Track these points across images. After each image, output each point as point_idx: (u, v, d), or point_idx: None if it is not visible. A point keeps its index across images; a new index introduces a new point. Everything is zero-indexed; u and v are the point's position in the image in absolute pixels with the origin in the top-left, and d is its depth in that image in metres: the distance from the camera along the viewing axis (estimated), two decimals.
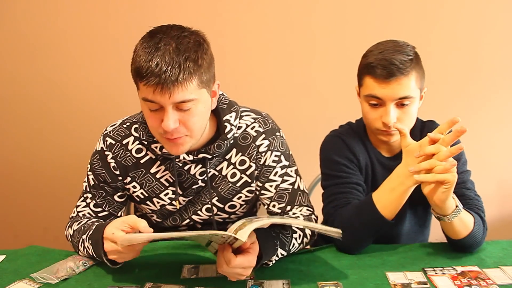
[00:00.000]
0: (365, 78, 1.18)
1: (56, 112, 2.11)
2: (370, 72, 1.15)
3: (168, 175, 1.18)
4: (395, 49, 1.14)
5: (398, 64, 1.11)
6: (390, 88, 1.13)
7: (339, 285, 1.02)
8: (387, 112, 1.15)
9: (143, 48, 0.97)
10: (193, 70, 0.96)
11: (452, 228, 1.09)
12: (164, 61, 0.94)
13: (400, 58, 1.12)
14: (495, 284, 1.01)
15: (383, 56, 1.13)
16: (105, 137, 1.18)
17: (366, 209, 1.12)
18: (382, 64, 1.12)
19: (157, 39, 0.97)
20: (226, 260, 0.93)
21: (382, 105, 1.16)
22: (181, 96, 0.96)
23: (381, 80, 1.13)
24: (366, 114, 1.21)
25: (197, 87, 0.98)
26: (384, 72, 1.12)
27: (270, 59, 2.04)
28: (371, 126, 1.21)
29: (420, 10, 1.99)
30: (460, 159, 1.24)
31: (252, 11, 1.99)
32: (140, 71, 0.95)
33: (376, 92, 1.14)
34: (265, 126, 1.20)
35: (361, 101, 1.22)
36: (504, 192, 2.21)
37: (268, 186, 1.19)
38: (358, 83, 1.23)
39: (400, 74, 1.12)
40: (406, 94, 1.13)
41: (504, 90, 2.08)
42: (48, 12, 2.00)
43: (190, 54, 0.96)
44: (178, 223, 1.25)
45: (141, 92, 0.99)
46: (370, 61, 1.15)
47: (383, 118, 1.16)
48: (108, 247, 0.96)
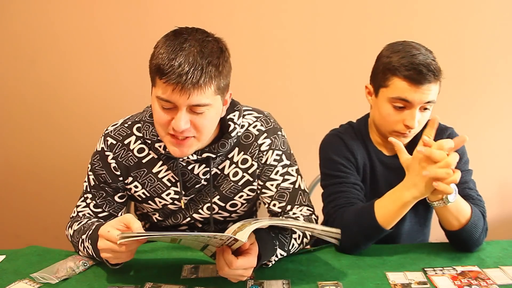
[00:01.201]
0: (393, 79, 1.15)
1: (56, 112, 2.11)
2: (402, 74, 1.13)
3: (171, 175, 1.18)
4: (425, 55, 1.14)
5: (434, 70, 1.12)
6: (421, 91, 1.12)
7: (339, 285, 1.02)
8: (413, 115, 1.15)
9: (167, 46, 0.97)
10: (213, 75, 0.97)
11: (447, 217, 1.09)
12: (187, 62, 0.94)
13: (434, 65, 1.13)
14: (495, 284, 1.01)
15: (418, 61, 1.12)
16: (106, 137, 1.18)
17: (365, 216, 1.12)
18: (419, 69, 1.11)
19: (182, 39, 0.97)
20: (228, 262, 0.92)
21: (408, 108, 1.15)
22: (198, 99, 0.97)
23: (414, 84, 1.12)
24: (386, 116, 1.18)
25: (213, 93, 0.99)
26: (419, 76, 1.11)
27: (272, 59, 2.04)
28: (388, 128, 1.20)
29: (420, 10, 1.99)
30: (461, 159, 1.24)
31: (254, 11, 1.99)
32: (162, 68, 0.95)
33: (407, 95, 1.13)
34: (267, 125, 1.20)
35: (382, 101, 1.19)
36: (504, 192, 2.21)
37: (269, 185, 1.19)
38: (379, 83, 1.20)
39: (434, 80, 1.12)
40: (432, 98, 1.15)
41: (505, 90, 2.08)
42: (49, 11, 2.00)
43: (213, 59, 0.97)
44: (179, 221, 1.25)
45: (158, 89, 0.98)
46: (403, 63, 1.13)
47: (407, 121, 1.15)
48: (102, 245, 0.95)
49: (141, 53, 1.32)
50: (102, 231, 0.95)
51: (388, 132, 1.22)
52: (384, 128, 1.22)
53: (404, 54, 1.15)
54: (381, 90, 1.20)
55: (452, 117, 1.66)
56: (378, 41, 1.26)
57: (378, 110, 1.21)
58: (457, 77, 2.05)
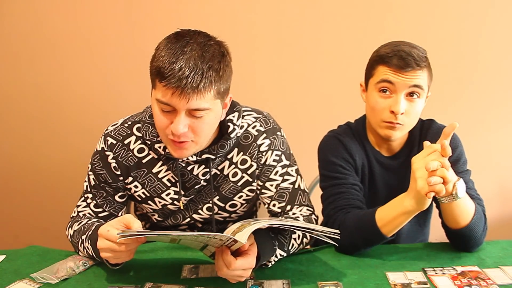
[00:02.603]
0: (378, 68, 1.18)
1: (56, 112, 2.11)
2: (385, 61, 1.16)
3: (171, 175, 1.18)
4: (411, 46, 1.17)
5: (415, 56, 1.14)
6: (403, 75, 1.14)
7: (339, 285, 1.02)
8: (398, 101, 1.15)
9: (168, 49, 0.96)
10: (214, 80, 0.97)
11: (453, 214, 1.09)
12: (188, 66, 0.94)
13: (417, 53, 1.15)
14: (495, 284, 1.01)
15: (400, 48, 1.15)
16: (106, 136, 1.18)
17: (366, 223, 1.12)
18: (399, 55, 1.14)
19: (183, 42, 0.97)
20: (227, 263, 0.92)
21: (393, 93, 1.17)
22: (197, 104, 0.97)
23: (397, 69, 1.14)
24: (374, 104, 1.20)
25: (213, 97, 0.99)
26: (401, 62, 1.13)
27: (271, 59, 2.04)
28: (377, 118, 1.20)
29: (419, 10, 1.99)
30: (460, 159, 1.24)
31: (253, 12, 1.99)
32: (162, 71, 0.95)
33: (390, 78, 1.15)
34: (266, 126, 1.20)
35: (370, 92, 1.22)
36: (504, 192, 2.21)
37: (268, 185, 1.19)
38: (368, 76, 1.23)
39: (416, 66, 1.14)
40: (418, 83, 1.15)
41: (505, 90, 2.08)
42: (49, 11, 2.00)
43: (213, 63, 0.97)
44: (179, 222, 1.25)
45: (157, 92, 0.98)
46: (386, 52, 1.16)
47: (393, 107, 1.16)
48: (102, 244, 0.94)
49: (141, 54, 1.32)
50: (101, 231, 0.95)
51: (377, 123, 1.21)
52: (374, 119, 1.22)
53: (390, 45, 1.18)
54: (369, 82, 1.23)
55: (452, 117, 1.66)
56: (377, 42, 1.26)
57: (368, 102, 1.23)
58: (457, 77, 2.06)
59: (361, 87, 1.29)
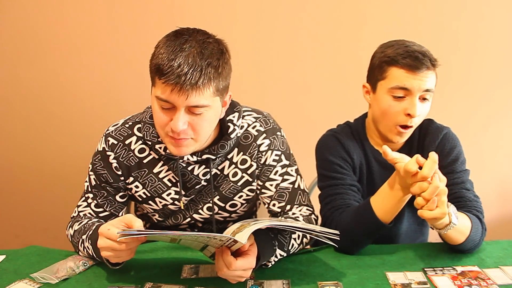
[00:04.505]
0: (390, 70, 1.17)
1: (56, 111, 2.11)
2: (398, 62, 1.15)
3: (171, 175, 1.18)
4: (420, 46, 1.16)
5: (429, 56, 1.14)
6: (419, 78, 1.13)
7: (339, 285, 1.02)
8: (414, 103, 1.15)
9: (167, 46, 0.97)
10: (212, 77, 0.97)
11: (448, 237, 1.09)
12: (186, 63, 0.94)
13: (429, 52, 1.15)
14: (495, 284, 1.01)
15: (412, 49, 1.14)
16: (107, 137, 1.18)
17: (364, 214, 1.12)
18: (414, 55, 1.13)
19: (182, 39, 0.98)
20: (227, 263, 0.92)
21: (407, 96, 1.16)
22: (197, 100, 0.97)
23: (411, 70, 1.13)
24: (387, 108, 1.18)
25: (212, 94, 0.99)
26: (416, 62, 1.13)
27: (272, 59, 2.04)
28: (390, 121, 1.19)
29: (419, 10, 1.99)
30: (458, 158, 1.24)
31: (252, 11, 1.99)
32: (161, 68, 0.95)
33: (406, 83, 1.14)
34: (266, 126, 1.20)
35: (381, 95, 1.20)
36: (504, 192, 2.21)
37: (268, 185, 1.19)
38: (377, 78, 1.21)
39: (431, 66, 1.14)
40: (430, 87, 1.15)
41: (505, 90, 2.09)
42: (50, 11, 2.00)
43: (212, 60, 0.97)
44: (179, 222, 1.26)
45: (157, 89, 0.99)
46: (399, 52, 1.15)
47: (409, 110, 1.15)
48: (102, 243, 0.94)
49: (142, 53, 1.32)
50: (102, 230, 0.95)
51: (388, 127, 1.21)
52: (386, 122, 1.21)
53: (398, 46, 1.17)
54: (379, 84, 1.20)
55: (452, 116, 1.66)
56: (376, 42, 1.26)
57: (378, 105, 1.21)
58: (457, 76, 2.05)
59: (364, 88, 1.28)
